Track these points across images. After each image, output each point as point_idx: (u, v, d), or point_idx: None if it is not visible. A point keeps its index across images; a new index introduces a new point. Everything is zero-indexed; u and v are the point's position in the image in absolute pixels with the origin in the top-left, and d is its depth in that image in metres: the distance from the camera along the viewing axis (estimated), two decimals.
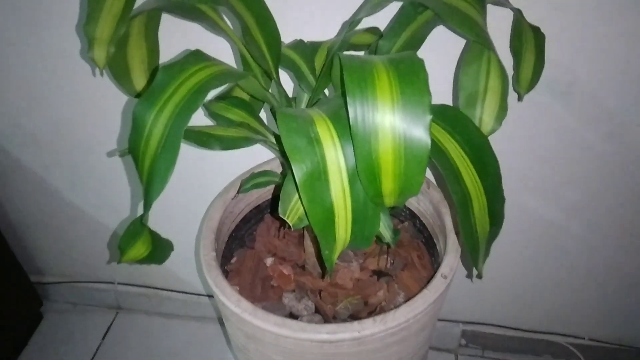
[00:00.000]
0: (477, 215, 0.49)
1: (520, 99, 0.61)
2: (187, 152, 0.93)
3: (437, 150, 0.48)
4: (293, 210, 0.50)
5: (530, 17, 0.61)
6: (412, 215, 0.84)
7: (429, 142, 0.42)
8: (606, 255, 0.99)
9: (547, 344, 1.16)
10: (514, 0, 0.60)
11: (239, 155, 0.94)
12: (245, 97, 0.68)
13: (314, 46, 0.63)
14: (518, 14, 0.57)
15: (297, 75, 0.59)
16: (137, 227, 0.47)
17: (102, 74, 0.53)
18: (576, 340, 1.14)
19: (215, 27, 0.53)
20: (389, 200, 0.47)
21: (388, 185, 0.45)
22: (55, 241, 1.22)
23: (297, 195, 0.50)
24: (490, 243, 0.53)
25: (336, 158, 0.45)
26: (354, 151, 0.44)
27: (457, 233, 0.70)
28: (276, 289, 0.78)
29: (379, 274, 0.79)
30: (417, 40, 0.54)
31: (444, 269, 0.66)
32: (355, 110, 0.42)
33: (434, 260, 0.79)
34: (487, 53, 0.54)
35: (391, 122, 0.42)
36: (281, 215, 0.49)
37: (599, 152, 0.85)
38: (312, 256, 0.77)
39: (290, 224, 0.49)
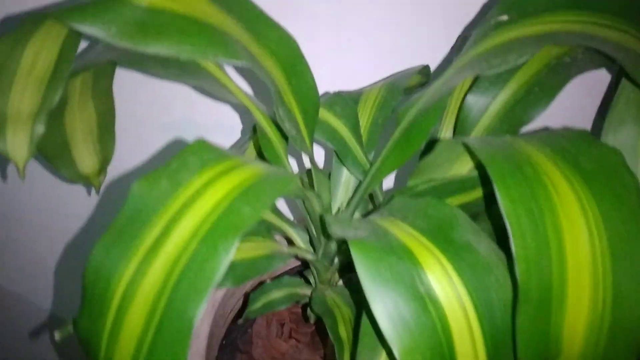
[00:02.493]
0: None
1: None
2: None
3: None
4: None
5: None
6: None
7: None
8: None
9: None
10: None
11: None
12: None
13: (352, 97, 0.41)
14: None
15: (340, 151, 0.37)
16: None
17: (23, 177, 0.31)
18: None
19: (219, 88, 0.31)
20: None
21: None
22: None
23: None
24: None
25: (470, 335, 0.25)
26: (517, 325, 0.24)
27: None
28: None
29: None
30: (543, 96, 0.33)
31: None
32: (527, 258, 0.22)
33: None
34: None
35: (593, 274, 0.23)
36: None
37: None
38: None
39: None
